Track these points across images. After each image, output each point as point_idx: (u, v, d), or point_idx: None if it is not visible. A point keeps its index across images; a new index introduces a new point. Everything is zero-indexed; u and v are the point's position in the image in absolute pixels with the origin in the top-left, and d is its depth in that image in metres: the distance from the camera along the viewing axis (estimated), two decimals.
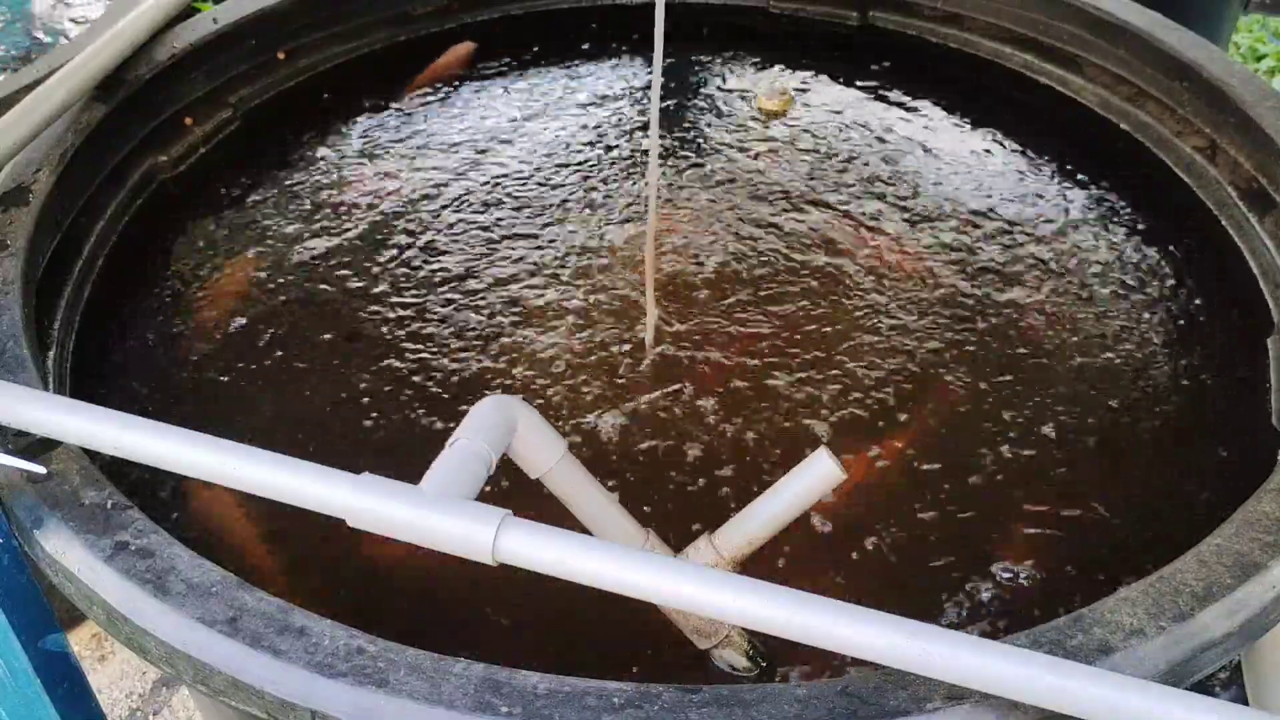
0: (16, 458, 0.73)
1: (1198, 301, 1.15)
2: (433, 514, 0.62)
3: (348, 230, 1.24)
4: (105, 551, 0.69)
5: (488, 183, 1.32)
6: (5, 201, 1.00)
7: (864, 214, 1.26)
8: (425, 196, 1.29)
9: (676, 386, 1.04)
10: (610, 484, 0.93)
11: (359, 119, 1.44)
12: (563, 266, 1.19)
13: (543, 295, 1.15)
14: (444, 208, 1.28)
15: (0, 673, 0.78)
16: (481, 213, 1.27)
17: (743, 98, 1.48)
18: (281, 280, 1.17)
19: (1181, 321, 1.12)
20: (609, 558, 0.59)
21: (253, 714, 0.64)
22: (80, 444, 0.72)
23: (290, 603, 0.65)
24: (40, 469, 0.74)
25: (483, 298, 1.15)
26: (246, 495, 0.65)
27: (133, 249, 1.18)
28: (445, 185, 1.31)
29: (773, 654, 0.81)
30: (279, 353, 1.09)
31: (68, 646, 0.81)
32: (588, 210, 1.27)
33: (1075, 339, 1.10)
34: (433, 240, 1.23)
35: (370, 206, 1.28)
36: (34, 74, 1.31)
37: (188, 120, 1.30)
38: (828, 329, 1.10)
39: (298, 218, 1.27)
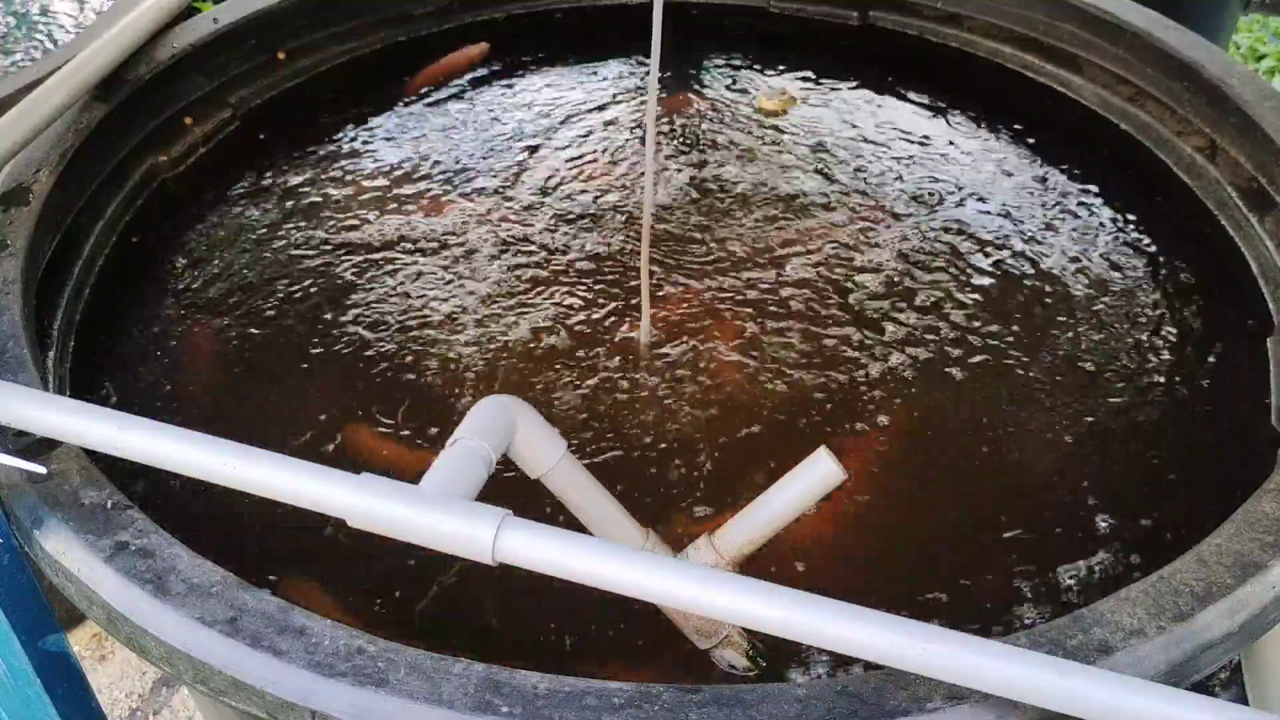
0: (16, 458, 0.73)
1: (1198, 302, 1.15)
2: (433, 514, 0.62)
3: (349, 228, 1.24)
4: (105, 551, 0.69)
5: (489, 181, 1.32)
6: (5, 201, 1.00)
7: (864, 214, 1.26)
8: (424, 193, 1.30)
9: (671, 382, 1.04)
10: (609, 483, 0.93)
11: (359, 118, 1.44)
12: (562, 260, 1.19)
13: (544, 283, 1.15)
14: (441, 205, 1.28)
15: (0, 673, 0.78)
16: (483, 214, 1.27)
17: (743, 98, 1.48)
18: (282, 279, 1.17)
19: (1182, 322, 1.12)
20: (609, 558, 0.59)
21: (253, 714, 0.64)
22: (80, 444, 0.72)
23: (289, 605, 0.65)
24: (40, 469, 0.74)
25: (490, 283, 1.15)
26: None
27: (133, 249, 1.18)
28: (442, 180, 1.32)
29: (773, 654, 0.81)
30: (280, 350, 1.09)
31: (68, 646, 0.81)
32: (584, 212, 1.28)
33: (1074, 338, 1.10)
34: (431, 236, 1.23)
35: (373, 202, 1.28)
36: (34, 74, 1.31)
37: (188, 120, 1.31)
38: (821, 328, 1.11)
39: (299, 217, 1.27)
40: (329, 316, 1.13)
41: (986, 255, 1.20)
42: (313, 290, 1.16)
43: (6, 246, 0.95)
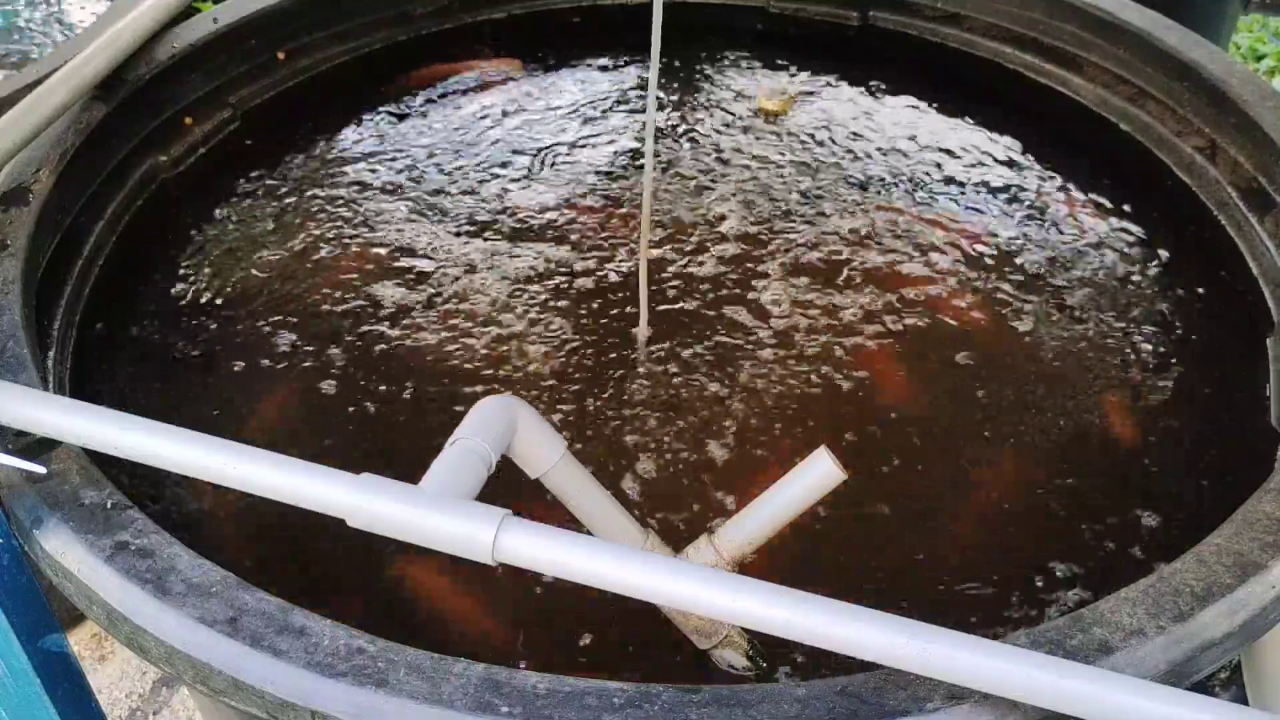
0: (16, 458, 0.73)
1: (1198, 301, 1.15)
2: (432, 514, 0.62)
3: (349, 229, 1.24)
4: (105, 551, 0.69)
5: (491, 180, 1.32)
6: (5, 201, 1.00)
7: (863, 214, 1.26)
8: (426, 191, 1.30)
9: (669, 378, 1.04)
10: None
11: (359, 118, 1.44)
12: (562, 259, 1.19)
13: (544, 282, 1.15)
14: (440, 204, 1.28)
15: (0, 673, 0.78)
16: (483, 212, 1.27)
17: (742, 98, 1.48)
18: (282, 279, 1.17)
19: (1181, 322, 1.12)
20: (609, 558, 0.59)
21: (253, 714, 0.64)
22: (80, 444, 0.72)
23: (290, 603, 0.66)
24: (40, 469, 0.74)
25: (489, 282, 1.15)
26: None
27: (133, 249, 1.18)
28: (444, 179, 1.32)
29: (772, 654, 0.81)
30: (280, 351, 1.09)
31: (68, 646, 0.81)
32: (584, 211, 1.28)
33: (1074, 339, 1.10)
34: (431, 234, 1.23)
35: (373, 202, 1.28)
36: (34, 74, 1.31)
37: (188, 120, 1.30)
38: (820, 327, 1.11)
39: (298, 217, 1.27)
40: (328, 316, 1.13)
41: (984, 254, 1.20)
42: (312, 290, 1.16)
43: (6, 246, 0.95)
